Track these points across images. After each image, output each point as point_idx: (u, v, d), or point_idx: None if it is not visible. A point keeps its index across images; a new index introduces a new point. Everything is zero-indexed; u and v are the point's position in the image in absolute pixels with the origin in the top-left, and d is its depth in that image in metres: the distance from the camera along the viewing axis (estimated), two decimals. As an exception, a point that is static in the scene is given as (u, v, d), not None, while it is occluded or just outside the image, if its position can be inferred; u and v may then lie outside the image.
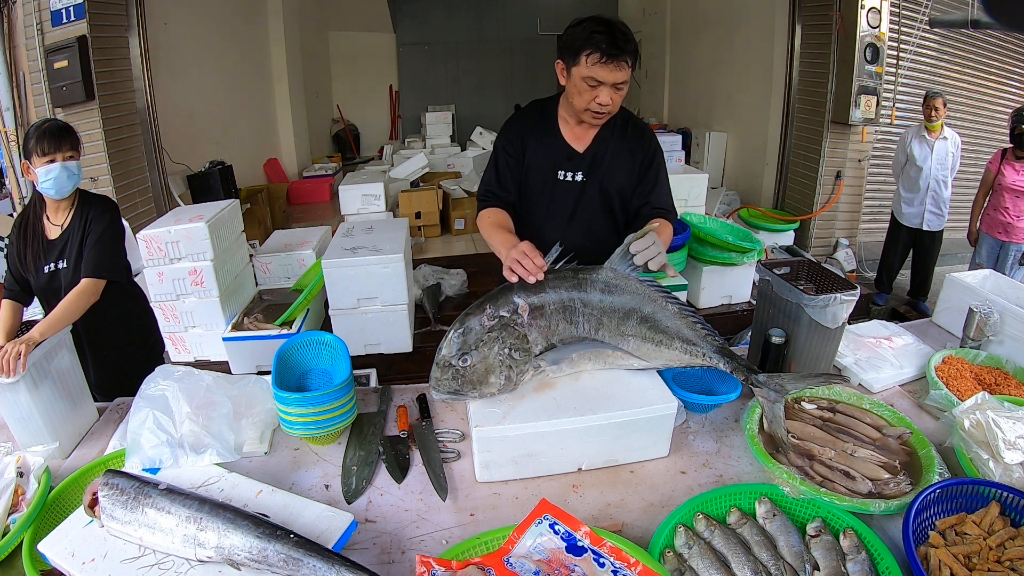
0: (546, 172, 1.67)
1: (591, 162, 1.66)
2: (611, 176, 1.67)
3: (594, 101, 1.51)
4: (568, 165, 1.66)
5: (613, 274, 1.34)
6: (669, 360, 1.35)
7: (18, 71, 3.82)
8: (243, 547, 0.94)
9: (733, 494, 1.14)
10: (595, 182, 1.67)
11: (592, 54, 1.45)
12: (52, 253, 1.88)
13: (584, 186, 1.67)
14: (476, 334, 1.25)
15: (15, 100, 3.86)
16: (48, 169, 1.77)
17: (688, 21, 6.82)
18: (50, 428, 1.36)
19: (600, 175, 1.66)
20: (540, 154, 1.67)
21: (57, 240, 1.89)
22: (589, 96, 1.51)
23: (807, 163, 4.69)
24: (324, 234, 3.59)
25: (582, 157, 1.66)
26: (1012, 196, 3.63)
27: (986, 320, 1.62)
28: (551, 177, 1.67)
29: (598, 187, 1.67)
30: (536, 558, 0.98)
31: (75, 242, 1.87)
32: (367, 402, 1.52)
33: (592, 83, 1.49)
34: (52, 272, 1.88)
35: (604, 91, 1.49)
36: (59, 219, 1.90)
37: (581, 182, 1.67)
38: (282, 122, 7.03)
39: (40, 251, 1.88)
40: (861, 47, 4.18)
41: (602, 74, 1.46)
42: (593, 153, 1.66)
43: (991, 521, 1.06)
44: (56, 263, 1.88)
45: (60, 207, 1.88)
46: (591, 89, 1.50)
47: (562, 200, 1.69)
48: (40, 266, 1.88)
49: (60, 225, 1.89)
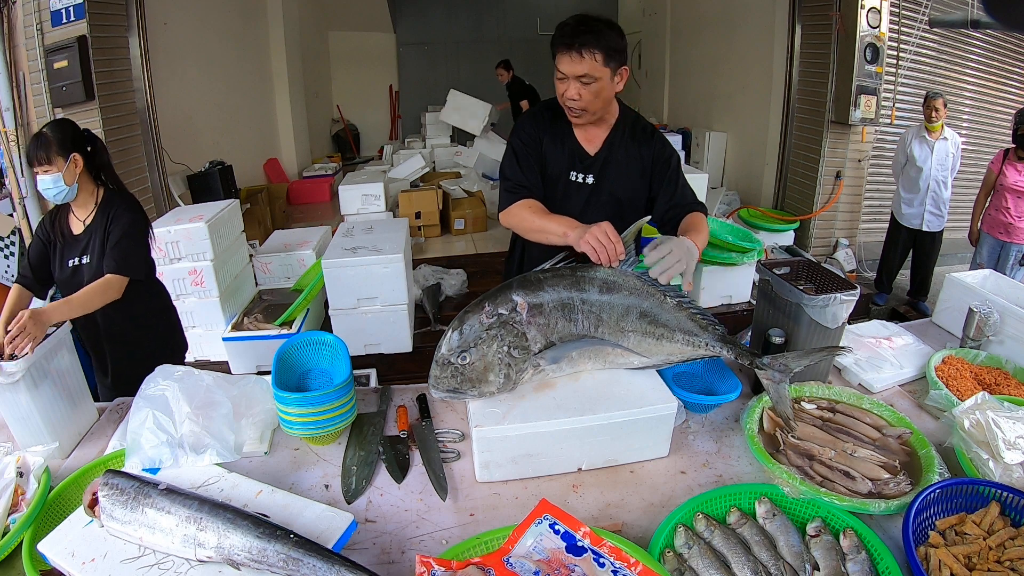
0: (559, 173, 1.66)
1: (602, 165, 1.65)
2: (620, 180, 1.66)
3: (564, 95, 1.51)
4: (580, 167, 1.66)
5: (611, 271, 1.34)
6: (671, 353, 1.35)
7: (18, 71, 3.82)
8: (243, 547, 0.94)
9: (733, 494, 1.14)
10: (604, 185, 1.66)
11: (556, 45, 1.47)
12: (76, 248, 1.92)
13: (594, 189, 1.67)
14: (475, 332, 1.24)
15: (15, 100, 3.86)
16: (41, 179, 1.80)
17: (688, 21, 6.82)
18: (50, 428, 1.36)
19: (610, 178, 1.66)
20: (554, 155, 1.66)
21: (81, 235, 1.92)
22: (560, 88, 1.52)
23: (807, 163, 4.69)
24: (324, 234, 3.60)
25: (593, 159, 1.65)
26: (1013, 196, 3.64)
27: (986, 320, 1.62)
28: (564, 178, 1.66)
29: (607, 191, 1.67)
30: (536, 558, 0.98)
31: (97, 239, 1.90)
32: (367, 402, 1.52)
33: (559, 75, 1.49)
34: (76, 267, 1.91)
35: (570, 85, 1.49)
36: (83, 215, 1.92)
37: (591, 185, 1.66)
38: (282, 122, 7.03)
39: (65, 245, 1.91)
40: (861, 47, 4.18)
41: (563, 65, 1.47)
42: (604, 156, 1.65)
43: (991, 521, 1.06)
44: (80, 258, 1.91)
45: (85, 204, 1.91)
46: (559, 82, 1.51)
47: (573, 202, 1.68)
48: (65, 260, 1.91)
49: (84, 221, 1.92)
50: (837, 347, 1.43)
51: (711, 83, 6.29)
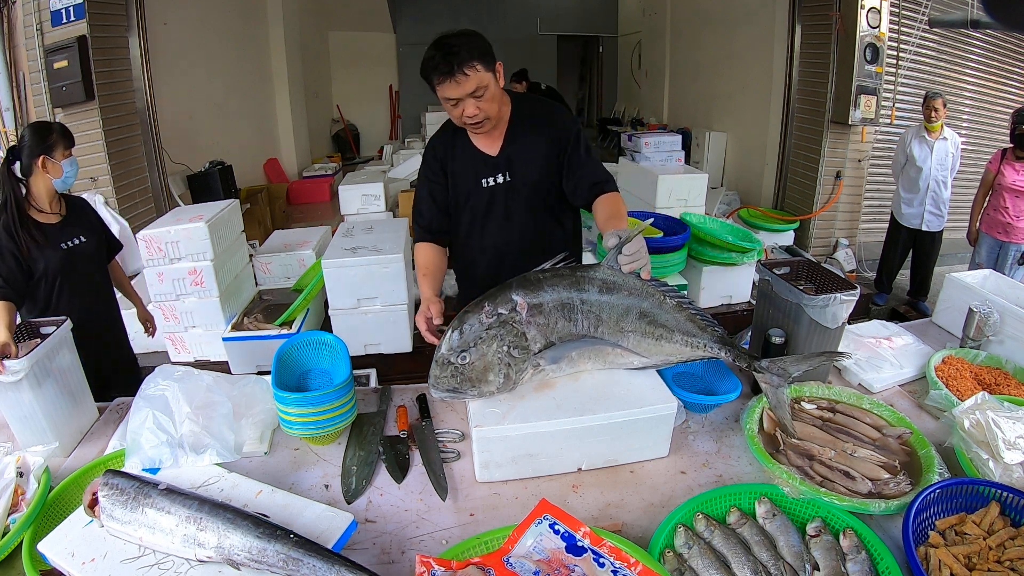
0: (471, 182, 1.69)
1: (508, 162, 1.67)
2: (530, 169, 1.68)
3: (463, 116, 1.53)
4: (488, 171, 1.68)
5: (611, 271, 1.34)
6: (670, 354, 1.35)
7: (18, 71, 3.82)
8: (243, 547, 0.94)
9: (733, 494, 1.14)
10: (518, 180, 1.68)
11: (434, 77, 1.48)
12: (62, 234, 1.97)
13: (510, 186, 1.69)
14: (475, 332, 1.25)
15: (15, 100, 3.86)
16: (71, 162, 1.96)
17: (688, 21, 6.83)
18: (52, 427, 1.36)
19: (522, 172, 1.68)
20: (461, 168, 1.69)
21: (62, 223, 1.98)
22: (456, 113, 1.54)
23: (807, 163, 4.69)
24: (324, 234, 3.60)
25: (497, 161, 1.68)
26: (1012, 196, 3.63)
27: (986, 320, 1.62)
28: (476, 186, 1.69)
29: (523, 183, 1.69)
30: (536, 558, 0.98)
31: (85, 216, 2.07)
32: (367, 402, 1.52)
33: (451, 102, 1.51)
34: (69, 249, 1.98)
35: (466, 104, 1.50)
36: (54, 208, 1.98)
37: (506, 183, 1.68)
38: (282, 122, 7.03)
39: (43, 238, 1.92)
40: (861, 47, 4.18)
41: (450, 91, 1.48)
42: (507, 154, 1.67)
43: (991, 521, 1.06)
44: (68, 242, 1.98)
45: (53, 197, 1.97)
46: (454, 107, 1.52)
47: (494, 205, 1.71)
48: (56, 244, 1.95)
49: (57, 212, 1.99)
50: (836, 352, 1.43)
51: (711, 83, 6.29)
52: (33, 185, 1.91)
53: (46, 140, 1.90)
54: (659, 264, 2.94)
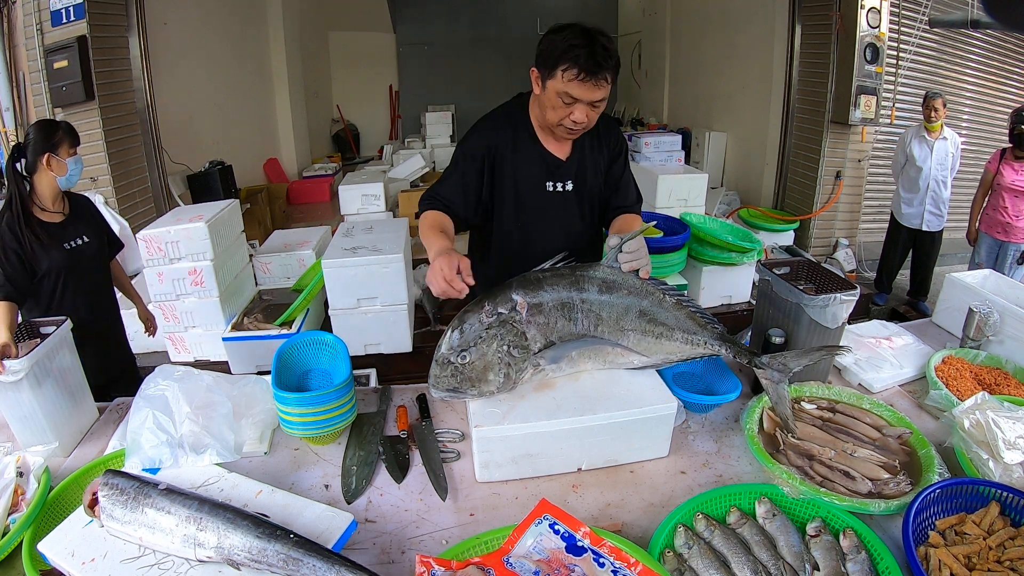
0: (534, 184, 1.59)
1: (577, 170, 1.61)
2: (593, 179, 1.64)
3: (568, 118, 1.43)
4: (555, 175, 1.60)
5: (610, 271, 1.34)
6: (670, 352, 1.35)
7: (18, 71, 3.83)
8: (243, 547, 0.94)
9: (733, 494, 1.14)
10: (581, 187, 1.63)
11: (569, 70, 1.35)
12: (66, 233, 1.98)
13: (573, 195, 1.63)
14: (475, 331, 1.24)
15: (15, 100, 3.86)
16: (76, 160, 1.96)
17: (688, 21, 6.82)
18: (53, 427, 1.36)
19: (585, 180, 1.63)
20: (524, 167, 1.58)
21: (65, 221, 1.99)
22: (563, 112, 1.42)
23: (807, 163, 4.69)
24: (324, 234, 3.59)
25: (567, 166, 1.60)
26: (1011, 196, 3.64)
27: (986, 320, 1.62)
28: (539, 188, 1.60)
29: (585, 191, 1.64)
30: (536, 558, 0.98)
31: (88, 215, 2.07)
32: (367, 402, 1.52)
33: (567, 100, 1.39)
34: (73, 248, 1.98)
35: (580, 109, 1.40)
36: (57, 207, 1.98)
37: (571, 191, 1.62)
38: (282, 122, 7.03)
39: (47, 237, 1.93)
40: (861, 47, 4.18)
41: (579, 91, 1.37)
42: (577, 160, 1.61)
43: (991, 521, 1.06)
44: (73, 241, 1.99)
45: (56, 195, 1.98)
46: (565, 106, 1.41)
47: (555, 211, 1.63)
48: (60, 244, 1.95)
49: (61, 211, 1.99)
50: (836, 347, 1.42)
51: (711, 83, 6.29)
52: (37, 183, 1.91)
53: (52, 138, 1.90)
54: (659, 264, 2.94)
